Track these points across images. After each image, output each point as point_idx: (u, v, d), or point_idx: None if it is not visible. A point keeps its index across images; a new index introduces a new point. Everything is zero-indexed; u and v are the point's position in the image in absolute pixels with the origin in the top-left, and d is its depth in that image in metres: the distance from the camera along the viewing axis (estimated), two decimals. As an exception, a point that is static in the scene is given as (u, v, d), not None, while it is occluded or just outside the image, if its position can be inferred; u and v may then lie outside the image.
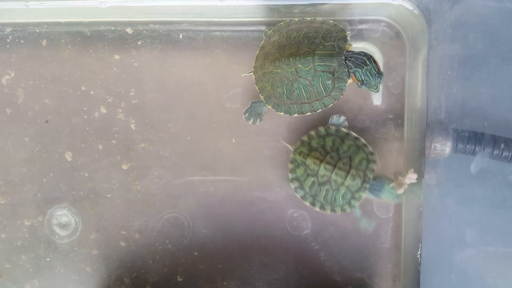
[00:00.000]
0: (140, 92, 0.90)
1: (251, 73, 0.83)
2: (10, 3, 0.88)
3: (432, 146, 0.81)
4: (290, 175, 0.83)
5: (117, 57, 0.90)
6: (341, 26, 0.78)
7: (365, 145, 0.81)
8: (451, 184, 0.82)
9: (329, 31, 0.77)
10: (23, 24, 0.90)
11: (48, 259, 0.90)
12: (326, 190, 0.80)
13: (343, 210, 0.80)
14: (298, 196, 0.83)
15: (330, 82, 0.76)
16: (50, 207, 0.90)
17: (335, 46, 0.75)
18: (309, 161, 0.80)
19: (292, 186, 0.83)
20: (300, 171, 0.81)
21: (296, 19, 0.80)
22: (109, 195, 0.90)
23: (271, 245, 0.90)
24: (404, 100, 0.88)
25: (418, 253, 0.87)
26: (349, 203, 0.80)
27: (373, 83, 0.76)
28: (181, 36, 0.90)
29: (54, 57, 0.90)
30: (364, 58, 0.75)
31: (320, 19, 0.79)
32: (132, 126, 0.90)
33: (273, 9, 0.88)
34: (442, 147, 0.80)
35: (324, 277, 0.90)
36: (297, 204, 0.89)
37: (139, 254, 0.90)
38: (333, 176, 0.78)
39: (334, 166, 0.78)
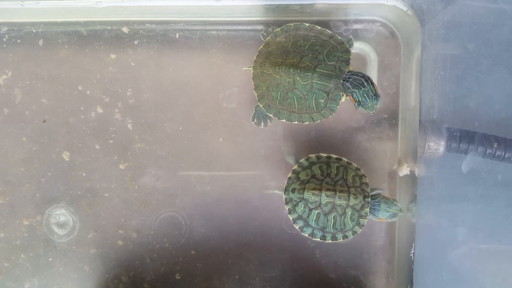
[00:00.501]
0: (137, 92, 0.90)
1: (251, 68, 0.83)
2: (6, 3, 0.88)
3: (426, 145, 0.81)
4: (290, 216, 0.80)
5: (113, 56, 0.90)
6: (347, 46, 0.78)
7: (349, 163, 0.81)
8: (443, 183, 0.83)
9: (334, 49, 0.77)
10: (20, 24, 0.90)
11: (47, 258, 0.91)
12: (333, 218, 0.78)
13: (354, 232, 0.79)
14: (306, 234, 0.80)
15: (323, 101, 0.77)
16: (48, 206, 0.90)
17: (336, 67, 0.76)
18: (307, 194, 0.78)
19: (297, 227, 0.81)
20: (300, 209, 0.79)
21: (307, 25, 0.80)
22: (106, 195, 0.91)
23: (267, 243, 0.91)
24: (398, 99, 0.89)
25: (412, 251, 0.88)
26: (359, 223, 0.79)
27: (369, 104, 0.77)
28: (177, 35, 0.90)
29: (50, 57, 0.90)
30: (362, 79, 0.76)
31: (329, 32, 0.79)
32: (129, 126, 0.90)
33: (268, 9, 0.88)
34: (436, 146, 0.81)
35: (320, 274, 0.91)
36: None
37: (137, 253, 0.91)
38: (337, 201, 0.77)
39: (335, 191, 0.77)
